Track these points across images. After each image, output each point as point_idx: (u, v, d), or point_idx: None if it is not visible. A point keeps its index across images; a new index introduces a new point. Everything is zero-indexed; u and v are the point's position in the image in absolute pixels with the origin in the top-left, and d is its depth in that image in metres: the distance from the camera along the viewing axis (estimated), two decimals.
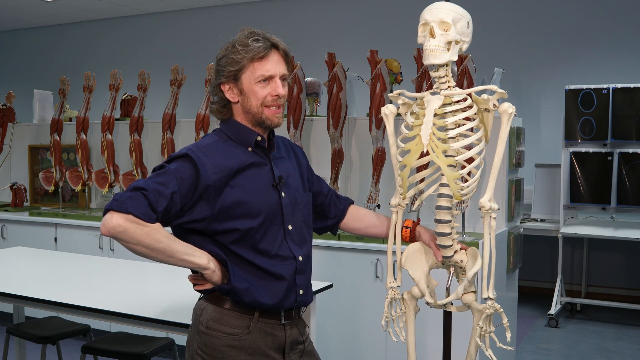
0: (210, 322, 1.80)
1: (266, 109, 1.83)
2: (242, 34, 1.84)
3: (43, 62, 9.37)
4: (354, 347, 3.77)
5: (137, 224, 1.66)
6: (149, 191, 1.68)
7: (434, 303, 2.08)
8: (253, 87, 1.81)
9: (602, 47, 6.18)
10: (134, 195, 1.67)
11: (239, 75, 1.81)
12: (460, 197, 1.94)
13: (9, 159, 5.70)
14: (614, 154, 5.31)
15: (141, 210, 1.66)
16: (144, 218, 1.66)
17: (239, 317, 1.81)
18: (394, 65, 3.99)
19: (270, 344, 1.84)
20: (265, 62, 1.81)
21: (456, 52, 1.94)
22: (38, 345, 3.20)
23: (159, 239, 1.69)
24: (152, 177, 1.74)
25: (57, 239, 4.83)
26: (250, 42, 1.80)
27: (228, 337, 1.79)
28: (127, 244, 1.69)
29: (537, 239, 5.94)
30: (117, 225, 1.65)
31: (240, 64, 1.80)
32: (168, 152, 4.55)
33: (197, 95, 4.89)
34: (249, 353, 1.80)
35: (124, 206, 1.65)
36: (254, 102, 1.83)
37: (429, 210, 3.73)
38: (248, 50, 1.79)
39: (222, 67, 1.83)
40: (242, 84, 1.82)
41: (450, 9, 1.92)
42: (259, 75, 1.80)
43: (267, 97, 1.82)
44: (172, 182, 1.71)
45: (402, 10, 6.90)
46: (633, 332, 5.15)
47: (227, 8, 8.01)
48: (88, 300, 2.65)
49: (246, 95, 1.83)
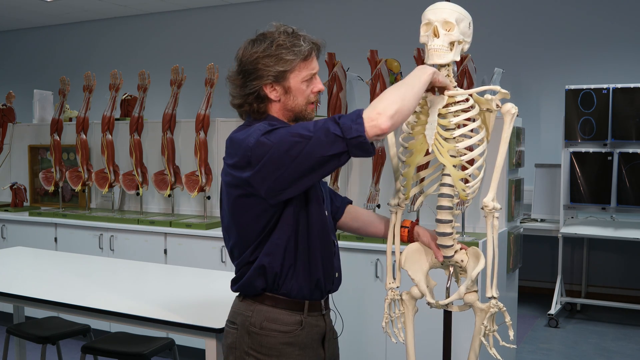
0: (265, 322, 1.83)
1: (309, 105, 1.86)
2: (280, 30, 1.82)
3: (43, 62, 9.38)
4: (354, 347, 3.77)
5: (381, 102, 1.66)
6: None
7: (436, 303, 2.08)
8: (300, 86, 1.83)
9: (602, 47, 6.18)
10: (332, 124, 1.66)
11: (286, 75, 1.81)
12: (465, 197, 1.94)
13: (9, 159, 5.70)
14: (614, 154, 5.31)
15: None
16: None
17: (290, 314, 1.84)
18: (394, 65, 3.99)
19: (316, 335, 1.90)
20: (311, 61, 1.83)
21: (459, 53, 1.94)
22: (38, 345, 3.20)
23: (406, 89, 1.72)
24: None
25: (57, 239, 4.83)
26: (301, 41, 1.80)
27: (284, 335, 1.83)
28: (401, 111, 1.68)
29: (537, 239, 5.94)
30: (383, 118, 1.63)
31: (293, 64, 1.80)
32: (168, 152, 4.55)
33: (197, 95, 4.89)
34: (301, 348, 1.85)
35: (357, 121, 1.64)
36: (301, 101, 1.84)
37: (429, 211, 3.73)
38: (300, 51, 1.80)
39: (267, 67, 1.79)
40: (289, 83, 1.82)
41: (453, 9, 1.92)
42: (307, 74, 1.82)
43: (311, 94, 1.85)
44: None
45: (402, 10, 6.90)
46: (633, 332, 5.16)
47: (227, 8, 8.01)
48: (88, 300, 2.65)
49: (292, 94, 1.83)
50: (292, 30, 1.82)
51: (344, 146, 1.64)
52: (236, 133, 1.81)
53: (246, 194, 1.77)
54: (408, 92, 1.71)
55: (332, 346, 1.98)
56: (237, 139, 1.77)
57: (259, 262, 1.82)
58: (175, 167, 4.61)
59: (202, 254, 4.23)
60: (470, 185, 1.94)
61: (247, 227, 1.82)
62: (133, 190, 4.78)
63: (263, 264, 1.81)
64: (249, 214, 1.80)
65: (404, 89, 1.71)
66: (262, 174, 1.70)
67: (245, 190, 1.76)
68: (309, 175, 1.69)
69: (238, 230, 1.85)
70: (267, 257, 1.81)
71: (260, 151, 1.69)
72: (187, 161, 4.73)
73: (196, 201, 4.79)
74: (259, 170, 1.70)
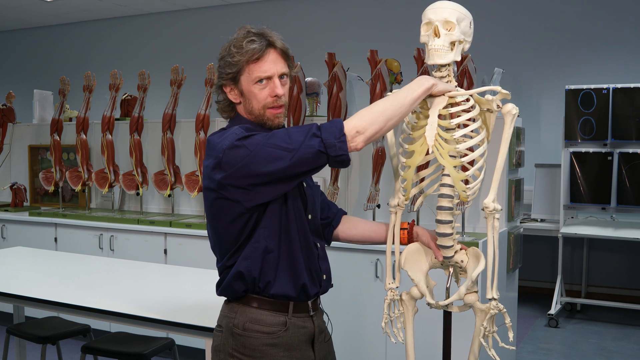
0: (247, 323, 1.81)
1: (268, 110, 1.81)
2: (239, 33, 1.81)
3: (43, 62, 9.38)
4: (354, 347, 3.77)
5: (364, 120, 1.70)
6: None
7: (436, 304, 2.07)
8: (252, 89, 1.80)
9: (602, 47, 6.18)
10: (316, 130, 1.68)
11: (237, 77, 1.80)
12: (466, 198, 1.93)
13: (9, 159, 5.70)
14: (614, 154, 5.31)
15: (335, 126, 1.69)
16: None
17: (274, 315, 1.82)
18: (394, 65, 3.99)
19: (302, 337, 1.87)
20: (261, 62, 1.78)
21: (460, 52, 1.92)
22: (38, 345, 3.20)
23: (394, 109, 1.73)
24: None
25: (57, 239, 4.83)
26: (245, 43, 1.76)
27: (267, 336, 1.81)
28: (381, 131, 1.72)
29: (537, 239, 5.94)
30: (360, 139, 1.69)
31: (237, 67, 1.78)
32: (168, 152, 4.55)
33: (197, 95, 4.89)
34: (286, 349, 1.83)
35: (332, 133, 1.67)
36: (255, 105, 1.81)
37: (429, 211, 3.73)
38: (243, 52, 1.76)
39: (221, 69, 1.81)
40: (242, 86, 1.81)
41: (454, 8, 1.90)
42: (256, 77, 1.78)
43: (267, 98, 1.80)
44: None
45: (402, 10, 6.90)
46: (633, 332, 5.15)
47: (227, 8, 8.01)
48: (88, 300, 2.65)
49: (247, 98, 1.82)
50: (249, 31, 1.79)
51: (325, 160, 1.67)
52: (213, 135, 1.81)
53: (220, 197, 1.76)
54: (395, 112, 1.72)
55: (323, 348, 1.96)
56: (213, 142, 1.77)
57: (237, 267, 1.81)
58: (175, 167, 4.61)
59: (202, 254, 4.22)
60: (470, 186, 1.94)
61: (224, 231, 1.81)
62: (133, 190, 4.78)
63: (240, 269, 1.80)
64: (225, 217, 1.79)
65: (391, 109, 1.72)
66: (235, 178, 1.70)
67: (218, 193, 1.76)
68: (286, 183, 1.72)
69: (216, 234, 1.85)
70: (245, 261, 1.80)
71: (234, 155, 1.68)
72: (187, 161, 4.73)
73: (196, 201, 4.79)
74: (231, 174, 1.69)
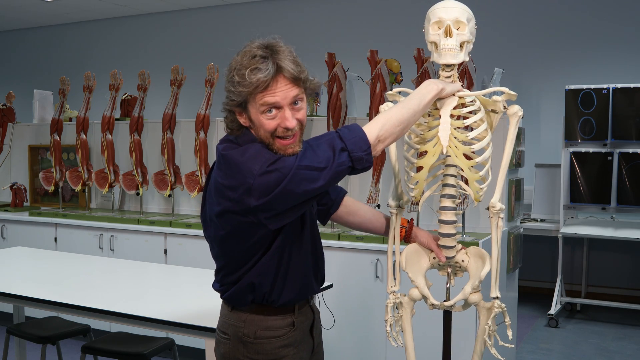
0: (259, 331, 1.81)
1: (277, 140, 1.67)
2: (245, 54, 1.65)
3: (43, 62, 9.37)
4: (354, 347, 3.77)
5: (384, 129, 1.70)
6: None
7: (440, 305, 2.07)
8: (260, 119, 1.66)
9: (602, 47, 6.18)
10: (317, 147, 1.67)
11: (244, 105, 1.68)
12: (479, 198, 1.94)
13: (9, 159, 5.70)
14: (614, 154, 5.31)
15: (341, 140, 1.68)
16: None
17: (282, 318, 1.84)
18: (394, 65, 3.99)
19: (306, 328, 1.91)
20: (269, 91, 1.63)
21: (467, 53, 1.92)
22: (38, 345, 3.20)
23: (405, 112, 1.74)
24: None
25: (57, 239, 4.83)
26: (248, 73, 1.61)
27: (278, 339, 1.82)
28: (396, 139, 1.76)
29: (537, 239, 5.94)
30: (380, 148, 1.71)
31: (242, 98, 1.65)
32: (168, 152, 4.55)
33: (197, 95, 4.89)
34: (295, 345, 1.86)
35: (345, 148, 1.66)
36: (263, 134, 1.68)
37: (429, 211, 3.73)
38: (247, 84, 1.62)
39: (229, 93, 1.68)
40: (250, 114, 1.68)
41: (463, 8, 1.90)
42: (263, 108, 1.65)
43: (277, 128, 1.67)
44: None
45: (402, 10, 6.90)
46: (633, 332, 5.15)
47: (227, 8, 8.01)
48: (88, 300, 2.65)
49: (255, 126, 1.69)
50: (254, 55, 1.64)
51: (349, 171, 1.69)
52: (232, 152, 1.70)
53: (245, 221, 1.69)
54: (410, 120, 1.76)
55: (318, 331, 2.00)
56: (235, 160, 1.67)
57: (248, 280, 1.79)
58: (175, 167, 4.61)
59: (202, 254, 4.20)
60: (483, 186, 1.95)
61: (239, 251, 1.78)
62: (133, 190, 4.78)
63: (253, 282, 1.79)
64: (245, 240, 1.74)
65: (407, 117, 1.74)
66: (272, 204, 1.64)
67: (244, 217, 1.68)
68: (314, 200, 1.77)
69: (228, 252, 1.82)
70: (258, 277, 1.79)
71: (268, 181, 1.62)
72: (187, 161, 4.73)
73: (196, 201, 4.79)
74: (269, 201, 1.63)
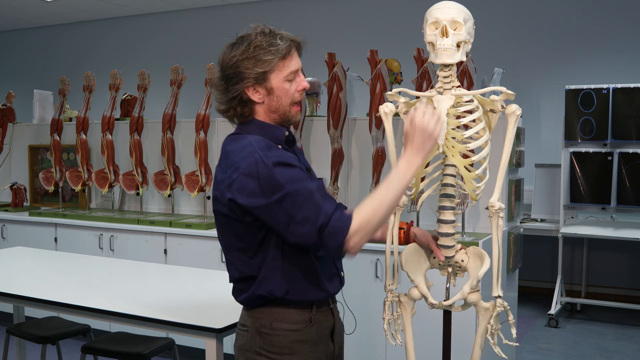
0: (275, 322, 1.84)
1: (293, 106, 1.84)
2: (257, 31, 1.79)
3: (43, 62, 9.37)
4: (354, 347, 3.77)
5: (360, 220, 1.73)
6: (315, 190, 1.73)
7: (439, 304, 2.08)
8: (283, 86, 1.80)
9: (602, 47, 6.18)
10: (312, 205, 1.70)
11: (265, 76, 1.78)
12: (475, 197, 1.95)
13: (9, 159, 5.70)
14: (614, 154, 5.31)
15: (337, 212, 1.73)
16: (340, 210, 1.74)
17: (300, 313, 1.85)
18: (394, 65, 3.99)
19: (325, 330, 1.91)
20: (290, 59, 1.80)
21: (464, 53, 1.93)
22: (38, 345, 3.20)
23: (385, 195, 1.77)
24: (291, 180, 1.72)
25: (57, 239, 4.83)
26: (278, 40, 1.78)
27: (294, 334, 1.84)
28: (376, 227, 1.77)
29: (537, 239, 5.94)
30: (356, 242, 1.72)
31: (272, 64, 1.77)
32: (168, 152, 4.55)
33: (197, 95, 4.89)
34: (311, 344, 1.87)
35: (334, 224, 1.70)
36: (284, 101, 1.82)
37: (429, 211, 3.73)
38: (278, 50, 1.77)
39: (247, 70, 1.77)
40: (271, 84, 1.79)
41: (460, 8, 1.91)
42: (288, 73, 1.79)
43: (295, 93, 1.83)
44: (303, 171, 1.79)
45: (402, 10, 6.90)
46: (633, 332, 5.15)
47: (227, 8, 8.01)
48: (88, 300, 2.65)
49: (275, 95, 1.81)
50: (270, 30, 1.80)
51: (316, 237, 1.70)
52: (232, 146, 1.81)
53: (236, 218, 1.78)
54: (395, 202, 1.79)
55: (340, 339, 2.01)
56: (233, 160, 1.76)
57: (260, 292, 1.83)
58: (175, 167, 4.61)
59: (202, 254, 4.22)
60: (479, 185, 1.95)
61: (242, 254, 1.83)
62: (133, 190, 4.78)
63: (263, 294, 1.83)
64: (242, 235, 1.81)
65: (391, 202, 1.77)
66: (271, 211, 1.71)
67: (238, 215, 1.77)
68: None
69: (235, 257, 1.86)
70: (270, 284, 1.82)
71: (273, 186, 1.70)
72: (187, 161, 4.73)
73: (196, 201, 4.79)
74: (270, 205, 1.70)
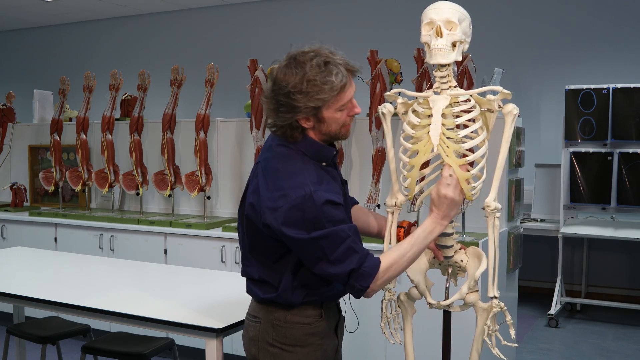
0: (289, 316, 1.91)
1: (343, 127, 1.88)
2: (312, 63, 1.77)
3: (43, 62, 9.37)
4: (354, 347, 3.77)
5: (386, 265, 1.82)
6: (350, 236, 1.79)
7: (437, 304, 2.08)
8: (334, 115, 1.83)
9: (602, 47, 6.18)
10: (350, 254, 1.78)
11: (319, 110, 1.80)
12: (471, 197, 1.94)
13: (9, 159, 5.70)
14: (614, 154, 5.31)
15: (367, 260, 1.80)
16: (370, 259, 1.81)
17: (312, 308, 1.93)
18: (394, 65, 3.99)
19: (332, 324, 2.01)
20: (344, 92, 1.81)
21: (460, 53, 1.94)
22: (38, 345, 3.20)
23: (410, 249, 1.86)
24: (334, 220, 1.78)
25: (57, 239, 4.83)
26: (333, 77, 1.77)
27: (307, 327, 1.91)
28: (395, 276, 1.89)
29: (537, 239, 5.94)
30: (377, 286, 1.82)
31: (325, 102, 1.78)
32: (168, 152, 4.55)
33: (197, 95, 4.89)
34: (321, 337, 1.95)
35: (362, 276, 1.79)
36: (334, 127, 1.86)
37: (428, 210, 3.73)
38: (332, 88, 1.77)
39: (299, 103, 1.77)
40: (322, 115, 1.82)
41: (455, 8, 1.92)
42: (341, 106, 1.82)
43: (346, 119, 1.87)
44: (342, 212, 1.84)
45: (402, 10, 6.90)
46: (633, 332, 5.15)
47: (227, 8, 8.01)
48: (88, 300, 2.65)
49: (326, 123, 1.84)
50: (325, 61, 1.77)
51: (345, 279, 1.80)
52: (282, 165, 1.84)
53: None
54: (410, 263, 1.89)
55: (342, 333, 2.10)
56: (283, 185, 1.80)
57: (279, 301, 1.90)
58: (175, 167, 4.61)
59: (202, 254, 4.23)
60: (474, 185, 1.95)
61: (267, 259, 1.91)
62: (133, 190, 4.78)
63: (282, 302, 1.90)
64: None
65: (408, 260, 1.87)
66: (307, 246, 1.78)
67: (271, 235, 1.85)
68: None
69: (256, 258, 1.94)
70: (286, 296, 1.89)
71: (316, 223, 1.76)
72: (187, 161, 4.73)
73: (196, 201, 4.79)
74: (308, 240, 1.76)
